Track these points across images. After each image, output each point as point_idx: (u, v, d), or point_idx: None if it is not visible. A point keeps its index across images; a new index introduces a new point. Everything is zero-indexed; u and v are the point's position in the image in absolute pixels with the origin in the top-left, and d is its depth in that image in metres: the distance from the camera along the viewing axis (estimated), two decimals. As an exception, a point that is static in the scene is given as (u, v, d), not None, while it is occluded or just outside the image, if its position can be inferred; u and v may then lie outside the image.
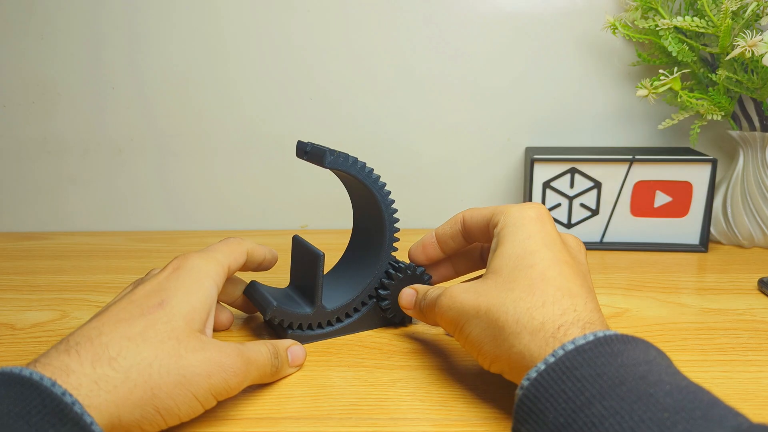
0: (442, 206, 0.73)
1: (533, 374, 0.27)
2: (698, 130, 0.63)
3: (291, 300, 0.43)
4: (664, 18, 0.59)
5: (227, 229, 0.76)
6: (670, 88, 0.59)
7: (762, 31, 0.52)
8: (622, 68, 0.69)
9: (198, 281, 0.35)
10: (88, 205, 0.75)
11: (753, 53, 0.52)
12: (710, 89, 0.60)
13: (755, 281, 0.53)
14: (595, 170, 0.62)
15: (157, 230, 0.75)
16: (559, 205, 0.64)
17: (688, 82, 0.64)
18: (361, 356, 0.41)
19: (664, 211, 0.63)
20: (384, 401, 0.35)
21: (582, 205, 0.64)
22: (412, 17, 0.69)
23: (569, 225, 0.65)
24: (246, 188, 0.74)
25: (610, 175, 0.62)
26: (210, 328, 0.35)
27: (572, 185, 0.63)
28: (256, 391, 0.36)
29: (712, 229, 0.65)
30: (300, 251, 0.44)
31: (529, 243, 0.34)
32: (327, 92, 0.71)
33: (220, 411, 0.34)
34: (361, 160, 0.41)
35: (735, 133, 0.63)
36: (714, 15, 0.56)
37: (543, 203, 0.64)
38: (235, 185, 0.74)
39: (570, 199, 0.64)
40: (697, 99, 0.60)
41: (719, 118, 0.60)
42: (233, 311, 0.46)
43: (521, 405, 0.27)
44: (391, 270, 0.43)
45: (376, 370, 0.39)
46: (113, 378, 0.28)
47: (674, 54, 0.60)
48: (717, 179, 0.64)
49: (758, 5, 0.56)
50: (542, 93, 0.70)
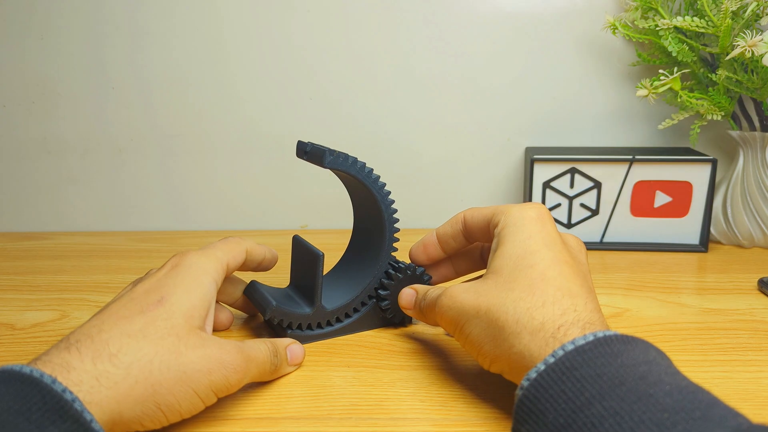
0: (442, 206, 0.73)
1: (533, 375, 0.27)
2: (698, 130, 0.63)
3: (291, 300, 0.43)
4: (664, 18, 0.59)
5: (227, 229, 0.76)
6: (670, 88, 0.59)
7: (762, 31, 0.52)
8: (622, 68, 0.69)
9: (197, 278, 0.35)
10: (88, 205, 0.75)
11: (753, 53, 0.52)
12: (710, 89, 0.60)
13: (755, 281, 0.53)
14: (595, 170, 0.62)
15: (158, 230, 0.75)
16: (559, 205, 0.64)
17: (688, 82, 0.64)
18: (361, 356, 0.41)
19: (664, 211, 0.63)
20: (384, 401, 0.35)
21: (582, 205, 0.64)
22: (412, 17, 0.69)
23: (569, 225, 0.65)
24: (246, 188, 0.74)
25: (610, 175, 0.62)
26: (210, 326, 0.35)
27: (572, 185, 0.63)
28: (256, 391, 0.36)
29: (712, 229, 0.65)
30: (300, 251, 0.44)
31: (530, 243, 0.34)
32: (327, 92, 0.71)
33: (220, 411, 0.34)
34: (361, 160, 0.41)
35: (735, 133, 0.63)
36: (714, 15, 0.56)
37: (543, 203, 0.64)
38: (235, 185, 0.74)
39: (570, 199, 0.64)
40: (697, 99, 0.60)
41: (719, 118, 0.60)
42: (233, 311, 0.46)
43: (521, 405, 0.27)
44: (391, 270, 0.43)
45: (376, 370, 0.39)
46: (114, 374, 0.28)
47: (674, 54, 0.60)
48: (717, 179, 0.64)
49: (758, 5, 0.56)
50: (542, 93, 0.70)
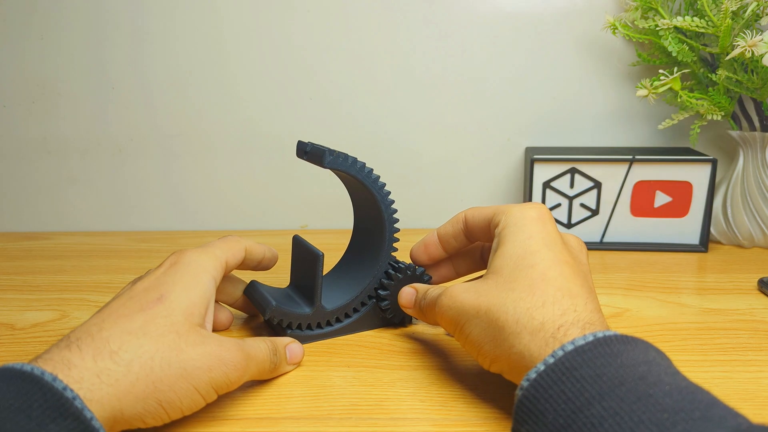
0: (442, 206, 0.73)
1: (533, 375, 0.27)
2: (698, 130, 0.63)
3: (291, 300, 0.43)
4: (664, 18, 0.59)
5: (227, 229, 0.76)
6: (670, 88, 0.59)
7: (762, 31, 0.52)
8: (622, 68, 0.69)
9: (196, 276, 0.35)
10: (88, 205, 0.75)
11: (753, 53, 0.52)
12: (710, 89, 0.60)
13: (755, 281, 0.53)
14: (595, 170, 0.62)
15: (158, 230, 0.75)
16: (559, 205, 0.64)
17: (688, 82, 0.64)
18: (361, 356, 0.41)
19: (664, 211, 0.63)
20: (384, 401, 0.35)
21: (582, 205, 0.64)
22: (412, 17, 0.69)
23: (569, 225, 0.65)
24: (246, 188, 0.74)
25: (610, 175, 0.62)
26: (210, 323, 0.35)
27: (572, 185, 0.63)
28: (256, 391, 0.36)
29: (712, 229, 0.65)
30: (300, 251, 0.44)
31: (530, 243, 0.34)
32: (327, 92, 0.71)
33: (220, 411, 0.34)
34: (361, 160, 0.41)
35: (735, 133, 0.62)
36: (714, 15, 0.56)
37: (543, 203, 0.64)
38: (235, 185, 0.74)
39: (570, 199, 0.64)
40: (697, 99, 0.60)
41: (719, 118, 0.60)
42: (233, 311, 0.46)
43: (521, 405, 0.27)
44: (391, 270, 0.43)
45: (376, 370, 0.39)
46: (115, 371, 0.28)
47: (674, 54, 0.60)
48: (717, 179, 0.64)
49: (758, 5, 0.56)
50: (542, 93, 0.70)
